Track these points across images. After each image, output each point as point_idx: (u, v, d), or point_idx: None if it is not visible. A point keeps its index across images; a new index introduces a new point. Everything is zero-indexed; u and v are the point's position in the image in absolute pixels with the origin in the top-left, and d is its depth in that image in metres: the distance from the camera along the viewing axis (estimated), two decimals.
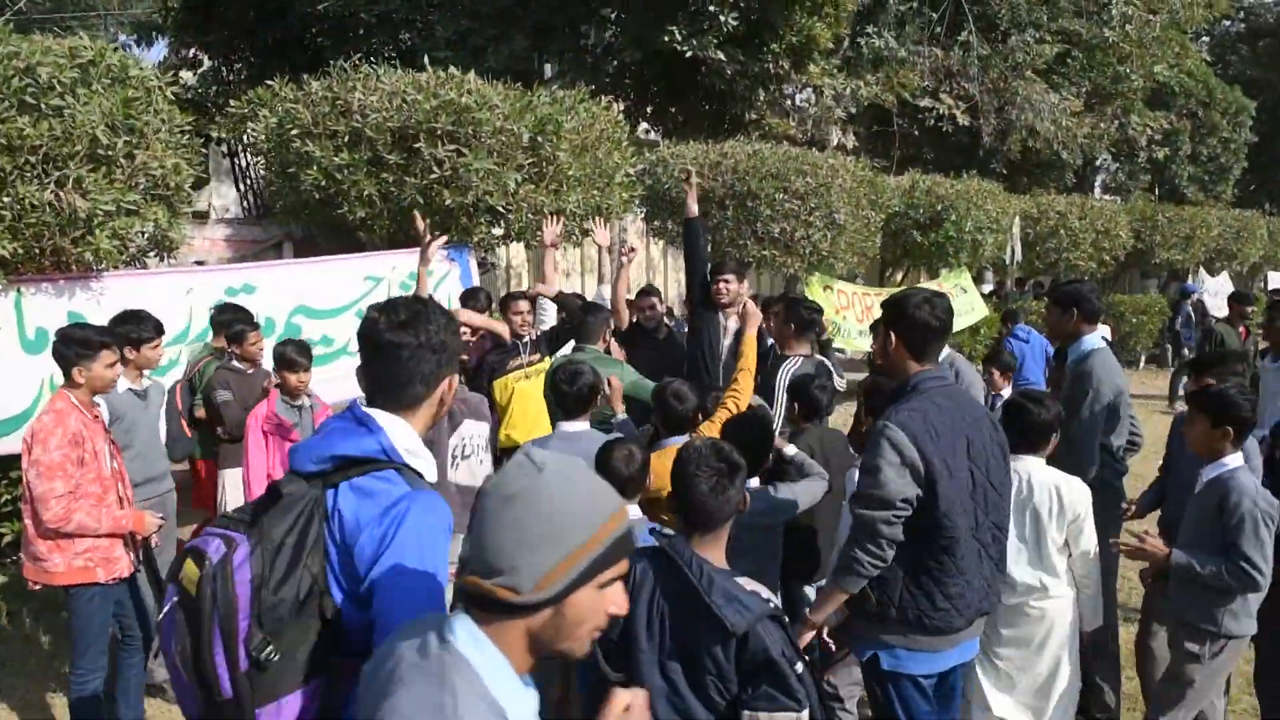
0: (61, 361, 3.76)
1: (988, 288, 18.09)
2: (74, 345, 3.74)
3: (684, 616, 2.21)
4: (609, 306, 6.02)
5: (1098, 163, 23.09)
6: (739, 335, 4.87)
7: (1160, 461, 4.33)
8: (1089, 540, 3.37)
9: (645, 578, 2.31)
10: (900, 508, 2.70)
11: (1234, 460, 3.29)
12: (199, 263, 11.37)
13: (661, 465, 3.36)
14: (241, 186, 14.22)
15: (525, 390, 5.50)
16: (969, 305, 12.93)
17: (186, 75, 15.31)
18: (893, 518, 2.70)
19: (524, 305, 5.66)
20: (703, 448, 2.42)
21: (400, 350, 1.85)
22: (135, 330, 4.38)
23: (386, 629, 1.60)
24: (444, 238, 5.40)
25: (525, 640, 1.38)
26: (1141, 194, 23.50)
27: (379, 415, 1.86)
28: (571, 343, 5.12)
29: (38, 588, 3.80)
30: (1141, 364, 17.68)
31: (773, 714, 2.09)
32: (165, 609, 1.74)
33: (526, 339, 5.59)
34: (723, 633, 2.11)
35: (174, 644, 1.69)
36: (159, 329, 4.52)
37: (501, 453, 5.49)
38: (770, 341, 5.56)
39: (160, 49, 16.66)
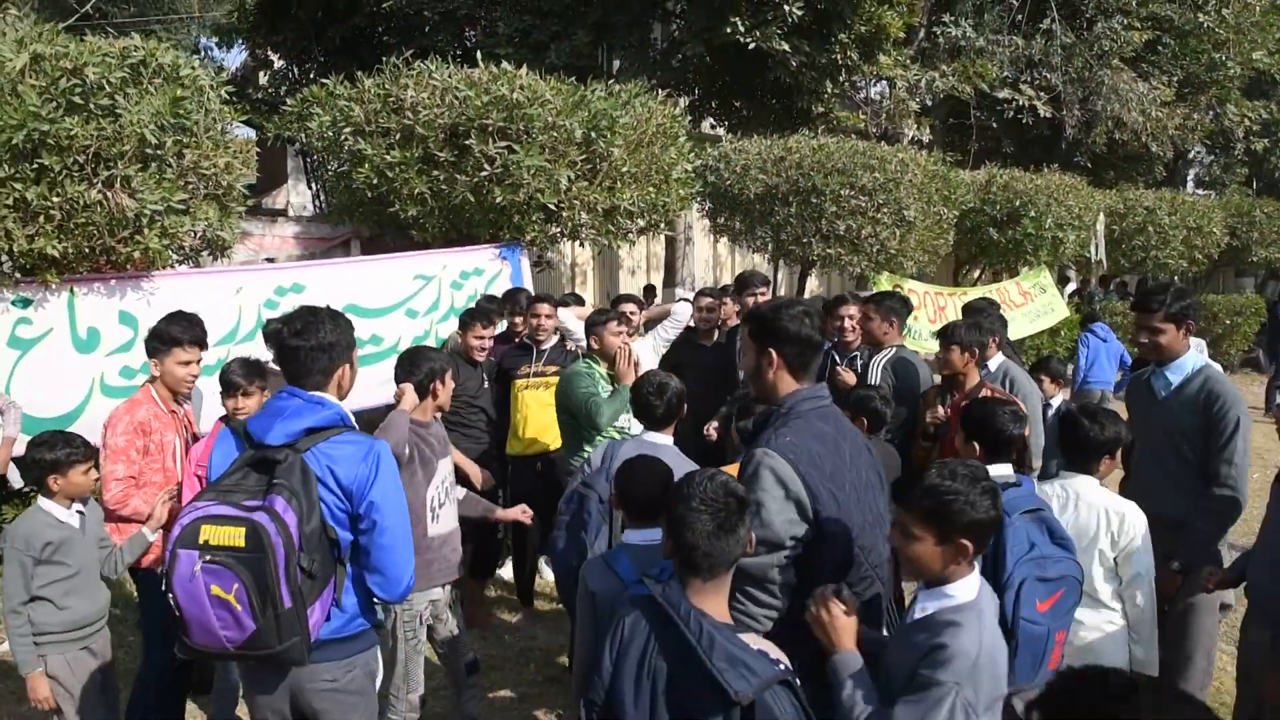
0: (147, 353, 4.09)
1: (1071, 288, 17.36)
2: (154, 339, 4.01)
3: (680, 680, 1.93)
4: (684, 310, 5.93)
5: (1190, 155, 22.03)
6: None
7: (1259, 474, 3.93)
8: (1141, 574, 3.06)
9: (635, 633, 2.02)
10: (790, 547, 2.35)
11: None
12: (269, 259, 11.56)
13: None
14: (313, 185, 14.45)
15: (528, 400, 5.41)
16: (1048, 306, 12.37)
17: (263, 77, 15.68)
18: (784, 559, 2.35)
19: (545, 309, 5.54)
20: (704, 479, 2.10)
21: (299, 352, 2.57)
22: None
23: (385, 530, 2.52)
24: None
25: None
26: (1238, 188, 22.35)
27: (317, 398, 2.59)
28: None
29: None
30: (1236, 369, 16.74)
31: None
32: (189, 570, 2.31)
33: (546, 345, 5.50)
34: (725, 701, 1.83)
35: (226, 587, 2.29)
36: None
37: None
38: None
39: (240, 52, 17.10)
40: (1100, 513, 3.08)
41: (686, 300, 6.26)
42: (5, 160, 4.60)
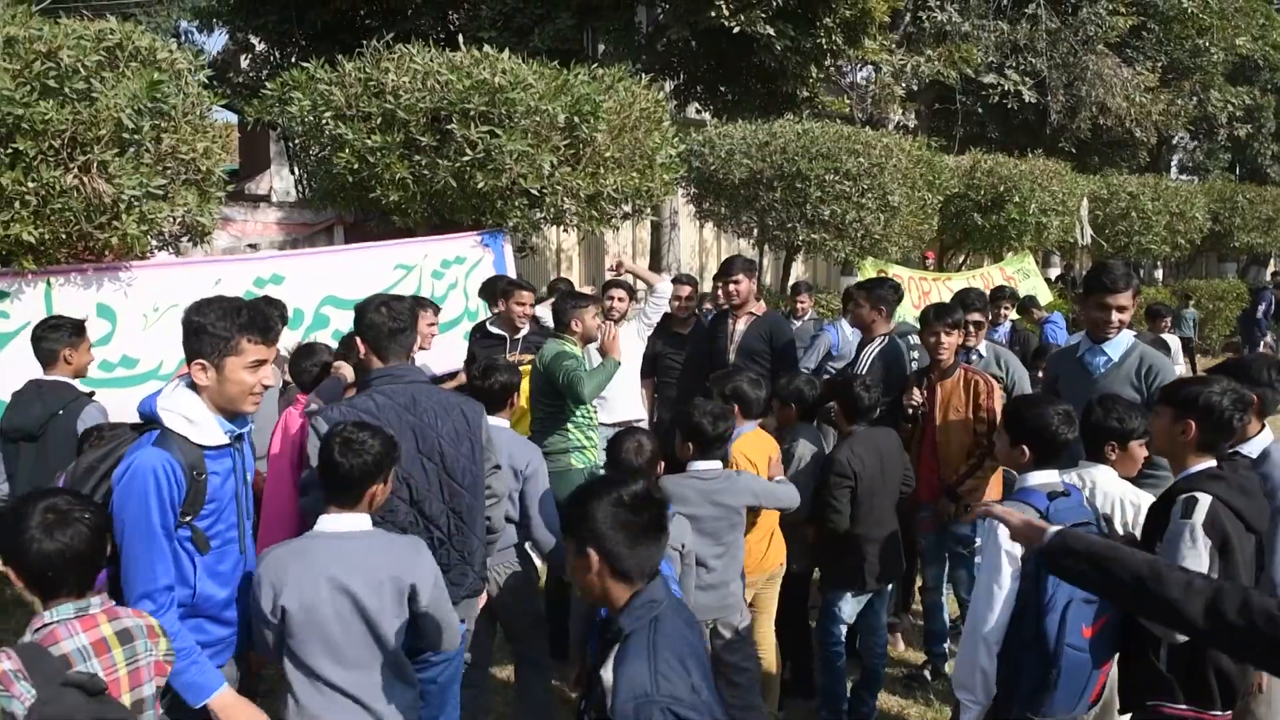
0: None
1: (1055, 272, 17.44)
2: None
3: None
4: (666, 288, 5.86)
5: (1174, 141, 22.12)
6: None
7: None
8: None
9: None
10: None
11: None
12: (252, 246, 11.46)
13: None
14: (295, 170, 14.31)
15: None
16: (1031, 290, 12.42)
17: (245, 61, 15.49)
18: None
19: (527, 297, 5.46)
20: (619, 486, 2.03)
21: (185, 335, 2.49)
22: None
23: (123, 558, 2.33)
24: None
25: None
26: (1221, 174, 22.47)
27: (171, 388, 2.51)
28: None
29: None
30: (1218, 353, 16.87)
31: None
32: None
33: (521, 334, 5.43)
34: None
35: None
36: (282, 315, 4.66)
37: None
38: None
39: (221, 35, 16.90)
40: (1115, 502, 3.06)
41: (667, 279, 6.19)
42: None
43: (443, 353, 6.40)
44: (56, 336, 4.35)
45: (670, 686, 1.80)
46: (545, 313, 5.70)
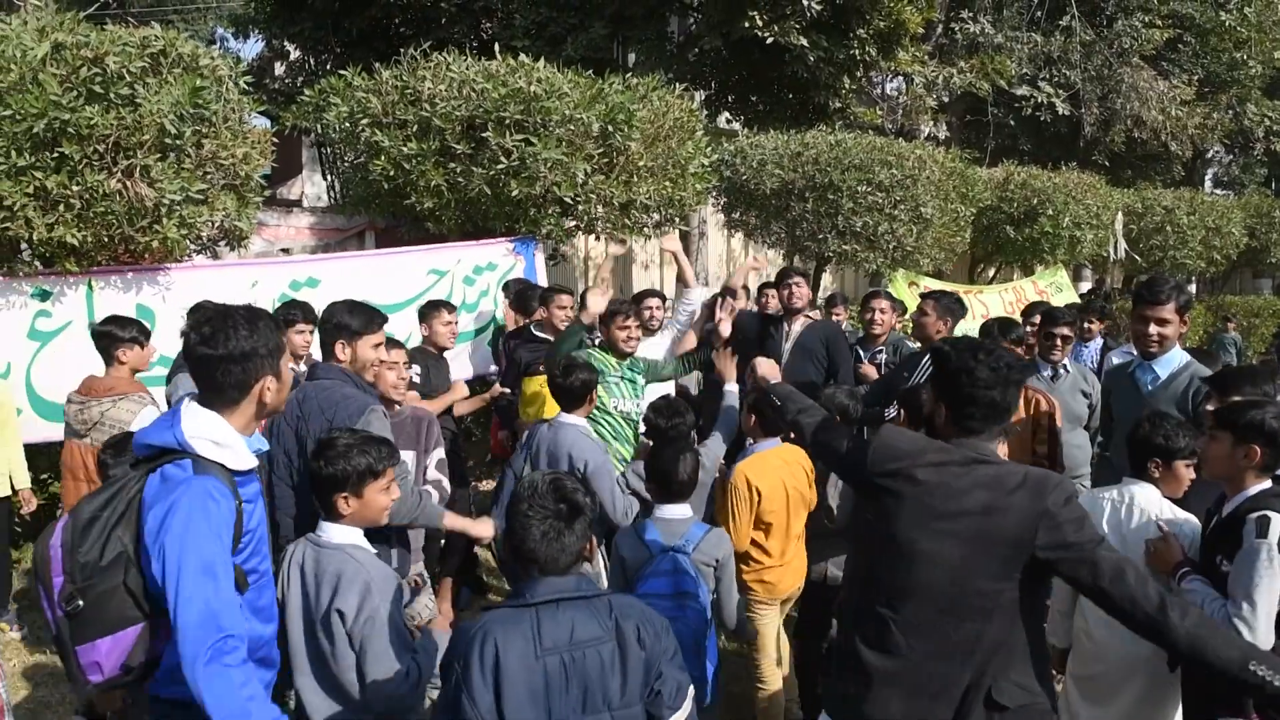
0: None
1: (1086, 286, 17.25)
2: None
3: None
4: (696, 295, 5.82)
5: (1209, 155, 21.83)
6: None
7: None
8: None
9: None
10: None
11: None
12: (285, 250, 11.59)
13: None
14: (328, 176, 14.45)
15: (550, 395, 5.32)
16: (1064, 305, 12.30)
17: (279, 68, 15.69)
18: None
19: (568, 300, 5.47)
20: (540, 483, 2.13)
21: (207, 362, 2.16)
22: (285, 312, 4.70)
23: (171, 601, 1.97)
24: None
25: None
26: (1257, 188, 22.14)
27: (188, 409, 2.18)
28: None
29: None
30: None
31: None
32: None
33: None
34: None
35: None
36: (308, 316, 4.69)
37: None
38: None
39: (256, 42, 17.13)
40: (1149, 520, 2.99)
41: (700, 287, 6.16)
42: (26, 149, 4.61)
43: (469, 356, 6.44)
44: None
45: None
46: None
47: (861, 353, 6.08)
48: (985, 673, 2.10)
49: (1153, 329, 3.72)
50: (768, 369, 3.14)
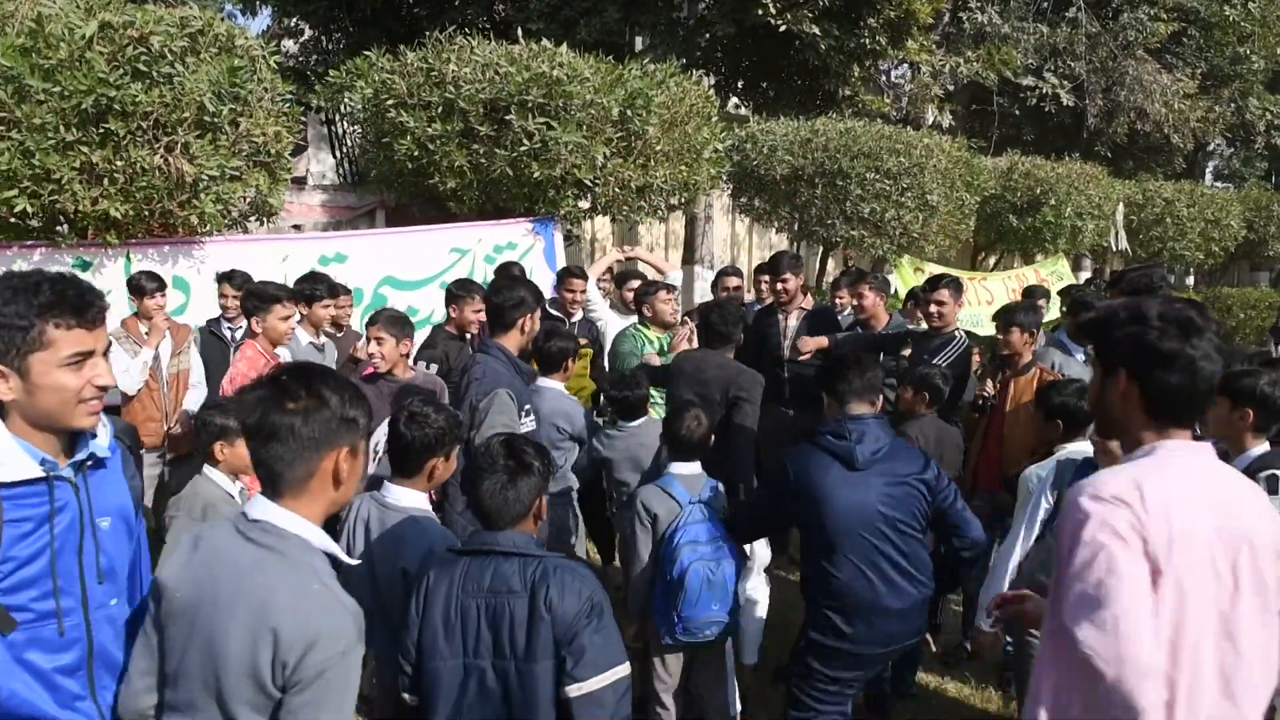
0: (244, 313, 4.42)
1: (1086, 275, 17.43)
2: (253, 298, 4.33)
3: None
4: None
5: (1210, 148, 21.98)
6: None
7: None
8: None
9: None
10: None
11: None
12: (296, 227, 11.73)
13: None
14: (338, 154, 14.56)
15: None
16: None
17: (289, 44, 15.73)
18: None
19: (578, 284, 5.65)
20: (495, 444, 2.38)
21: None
22: (309, 288, 4.86)
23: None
24: None
25: None
26: (1256, 182, 22.29)
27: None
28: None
29: None
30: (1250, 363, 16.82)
31: None
32: None
33: (576, 318, 5.63)
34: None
35: None
36: (332, 289, 4.92)
37: None
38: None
39: (264, 18, 17.15)
40: None
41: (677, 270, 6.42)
42: (74, 124, 4.77)
43: None
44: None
45: None
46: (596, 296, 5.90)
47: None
48: None
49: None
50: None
